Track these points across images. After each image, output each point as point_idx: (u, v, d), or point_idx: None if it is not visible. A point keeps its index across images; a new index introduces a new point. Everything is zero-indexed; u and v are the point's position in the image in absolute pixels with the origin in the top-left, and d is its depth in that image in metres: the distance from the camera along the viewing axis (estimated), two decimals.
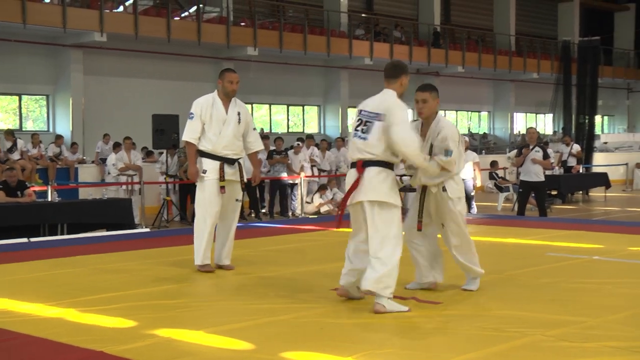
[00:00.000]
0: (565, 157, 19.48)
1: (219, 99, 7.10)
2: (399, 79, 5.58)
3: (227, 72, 7.21)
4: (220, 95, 7.12)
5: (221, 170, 7.00)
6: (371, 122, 5.43)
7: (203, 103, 7.07)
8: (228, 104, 7.11)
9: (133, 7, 19.97)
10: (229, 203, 7.15)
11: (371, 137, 5.40)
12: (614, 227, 11.13)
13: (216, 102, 7.07)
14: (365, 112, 5.51)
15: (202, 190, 7.04)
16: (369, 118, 5.46)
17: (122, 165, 14.26)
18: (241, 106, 7.23)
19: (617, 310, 5.29)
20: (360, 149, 5.44)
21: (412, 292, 5.89)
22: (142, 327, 4.92)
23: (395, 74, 5.59)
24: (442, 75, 29.17)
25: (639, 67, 37.68)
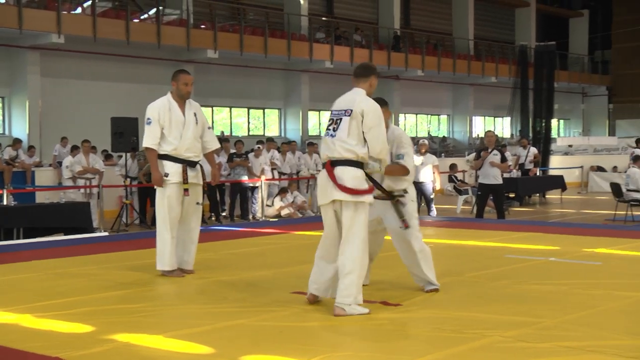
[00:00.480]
0: (523, 160, 19.77)
1: (174, 101, 7.01)
2: (369, 79, 5.66)
3: (181, 74, 7.11)
4: (174, 98, 7.03)
5: (184, 173, 6.94)
6: (340, 119, 5.47)
7: (160, 107, 6.97)
8: (183, 106, 7.03)
9: (91, 9, 19.74)
10: (190, 206, 7.08)
11: (340, 133, 5.43)
12: (569, 229, 11.33)
13: (172, 105, 6.98)
14: (336, 111, 5.56)
15: (163, 194, 6.95)
16: (338, 115, 5.50)
17: (80, 169, 14.09)
18: (196, 107, 7.16)
19: (572, 310, 5.39)
20: (330, 147, 5.47)
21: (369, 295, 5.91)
22: (100, 332, 4.87)
23: (366, 73, 5.67)
24: (401, 79, 29.40)
25: (593, 72, 38.42)
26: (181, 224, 7.08)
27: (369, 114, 5.41)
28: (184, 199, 7.00)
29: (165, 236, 6.92)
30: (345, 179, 5.36)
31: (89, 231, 11.23)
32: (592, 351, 4.33)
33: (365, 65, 5.82)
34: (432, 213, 14.05)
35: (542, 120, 24.07)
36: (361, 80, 5.64)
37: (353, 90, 5.63)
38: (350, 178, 5.37)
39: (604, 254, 8.24)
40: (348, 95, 5.61)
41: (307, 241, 9.62)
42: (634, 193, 13.98)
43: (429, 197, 14.15)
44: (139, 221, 14.13)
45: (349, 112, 5.43)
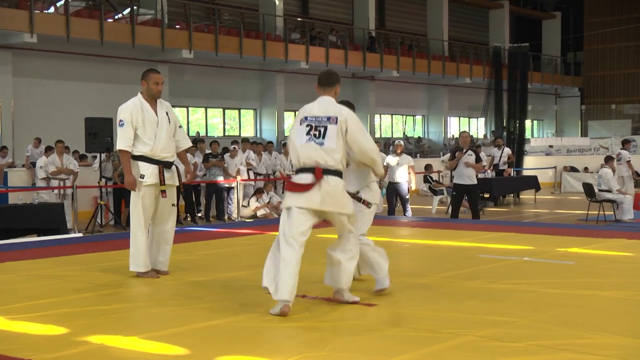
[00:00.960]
0: (497, 161, 19.92)
1: (145, 101, 6.92)
2: (334, 87, 5.67)
3: (151, 73, 6.99)
4: (145, 98, 6.93)
5: (161, 174, 6.88)
6: (324, 127, 5.44)
7: (132, 108, 6.87)
8: (155, 106, 6.95)
9: (64, 8, 19.58)
10: (165, 207, 7.03)
11: (329, 142, 5.41)
12: (543, 228, 11.43)
13: (144, 106, 6.89)
14: (313, 118, 5.49)
15: (137, 195, 6.88)
16: (320, 123, 5.45)
17: (54, 169, 13.97)
18: (167, 106, 7.09)
19: (545, 310, 5.44)
20: (320, 154, 5.41)
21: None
22: (74, 334, 4.83)
23: (331, 82, 5.67)
24: (377, 80, 29.50)
25: (566, 74, 38.83)
26: (156, 225, 7.04)
27: (352, 120, 5.49)
28: (159, 200, 6.96)
29: (139, 237, 6.87)
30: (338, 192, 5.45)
31: (63, 232, 11.14)
32: (565, 350, 4.38)
33: (330, 73, 5.79)
34: (407, 213, 14.12)
35: (516, 121, 24.28)
36: (327, 89, 5.65)
37: (323, 98, 5.61)
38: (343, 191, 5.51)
39: (577, 253, 8.33)
40: (323, 103, 5.57)
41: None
42: (606, 193, 14.15)
43: (405, 197, 14.21)
44: (114, 222, 14.04)
45: (334, 120, 5.42)
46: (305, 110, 5.63)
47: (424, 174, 19.20)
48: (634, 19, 37.18)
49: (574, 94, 39.36)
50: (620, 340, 4.60)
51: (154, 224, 7.04)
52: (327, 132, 5.42)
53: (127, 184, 6.90)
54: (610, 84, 38.73)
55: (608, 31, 37.95)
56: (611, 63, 38.62)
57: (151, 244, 7.05)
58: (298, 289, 5.70)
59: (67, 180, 13.97)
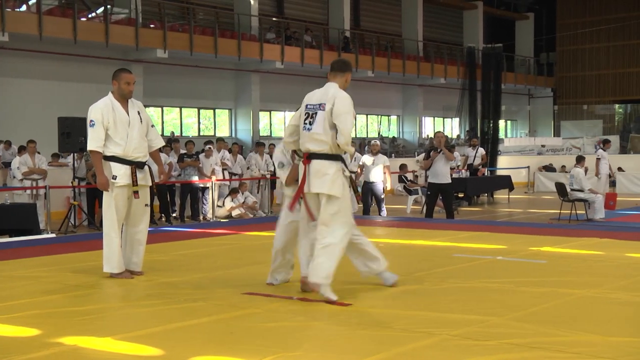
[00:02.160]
0: (472, 160, 20.04)
1: (116, 101, 6.87)
2: (345, 74, 5.91)
3: (122, 73, 6.95)
4: (116, 97, 6.89)
5: (134, 175, 6.83)
6: (315, 113, 5.67)
7: (103, 108, 6.81)
8: (126, 106, 6.90)
9: (37, 7, 19.37)
10: (138, 208, 6.99)
11: (315, 127, 5.64)
12: (516, 228, 11.53)
13: (115, 106, 6.84)
14: (310, 106, 5.73)
15: (111, 196, 6.83)
16: (313, 109, 5.69)
17: (26, 169, 13.82)
18: (138, 105, 7.05)
19: (518, 308, 5.49)
20: (307, 140, 5.67)
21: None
22: (47, 335, 4.80)
23: (343, 68, 5.92)
24: (352, 80, 29.46)
25: (539, 74, 39.18)
26: (129, 225, 7.00)
27: (340, 100, 5.68)
28: (132, 201, 6.92)
29: (112, 238, 6.83)
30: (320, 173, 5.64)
31: (36, 233, 11.03)
32: (537, 348, 4.43)
33: (343, 61, 6.06)
34: (382, 213, 14.16)
35: (490, 121, 24.46)
36: (338, 75, 5.89)
37: (328, 84, 5.84)
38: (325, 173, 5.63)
39: (549, 252, 8.42)
40: (322, 89, 5.80)
41: (258, 242, 9.62)
42: (578, 193, 14.30)
43: (380, 197, 14.25)
44: (88, 222, 13.93)
45: (323, 106, 5.66)
46: (307, 99, 5.84)
47: (398, 173, 19.27)
48: (605, 20, 37.64)
49: (547, 94, 39.73)
50: (591, 337, 4.65)
51: (127, 224, 7.01)
52: (316, 118, 5.66)
53: (100, 184, 6.85)
54: (582, 85, 39.15)
55: (580, 32, 38.37)
56: (583, 64, 39.04)
57: (124, 244, 7.01)
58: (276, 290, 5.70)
59: (39, 181, 13.83)
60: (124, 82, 6.86)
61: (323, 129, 5.63)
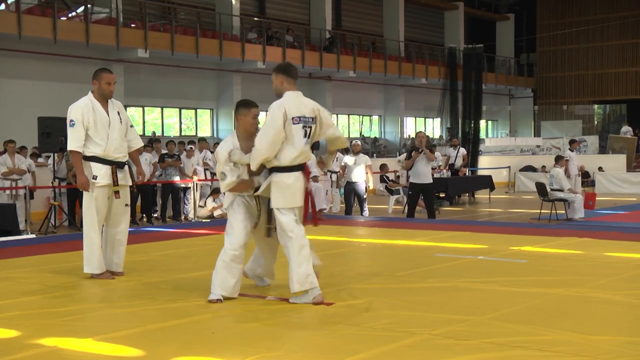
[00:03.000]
0: (453, 160, 20.12)
1: (96, 101, 6.84)
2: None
3: (103, 73, 6.93)
4: (96, 97, 6.86)
5: (114, 175, 6.81)
6: (310, 128, 5.80)
7: (83, 107, 6.78)
8: (106, 106, 6.88)
9: (16, 6, 19.20)
10: (119, 208, 6.97)
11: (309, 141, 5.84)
12: (497, 227, 11.60)
13: (95, 106, 6.81)
14: (305, 119, 5.78)
15: (91, 196, 6.80)
16: (308, 123, 5.79)
17: (5, 170, 13.71)
18: (118, 106, 7.04)
19: (499, 307, 5.52)
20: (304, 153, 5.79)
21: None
22: (26, 336, 4.76)
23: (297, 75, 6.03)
24: (334, 80, 29.56)
25: (519, 75, 39.41)
26: (110, 226, 6.98)
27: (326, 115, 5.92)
28: (113, 201, 6.89)
29: (93, 238, 6.80)
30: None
31: (16, 233, 10.95)
32: (518, 347, 4.46)
33: (294, 66, 6.11)
34: (364, 213, 14.18)
35: (471, 121, 24.56)
36: (295, 83, 5.96)
37: (302, 96, 5.89)
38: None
39: (530, 252, 8.47)
40: (305, 102, 5.85)
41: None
42: (558, 192, 14.40)
43: (362, 197, 14.28)
44: (68, 223, 13.84)
45: (315, 120, 5.83)
46: (297, 110, 5.76)
47: (379, 173, 19.32)
48: (585, 21, 37.94)
49: (527, 94, 39.98)
50: (571, 336, 4.69)
51: (108, 225, 6.99)
52: (311, 132, 5.81)
53: (80, 184, 6.82)
54: (562, 85, 39.43)
55: (560, 33, 38.64)
56: (563, 65, 39.32)
57: (105, 245, 6.99)
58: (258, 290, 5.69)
59: (19, 181, 13.72)
60: (104, 82, 6.84)
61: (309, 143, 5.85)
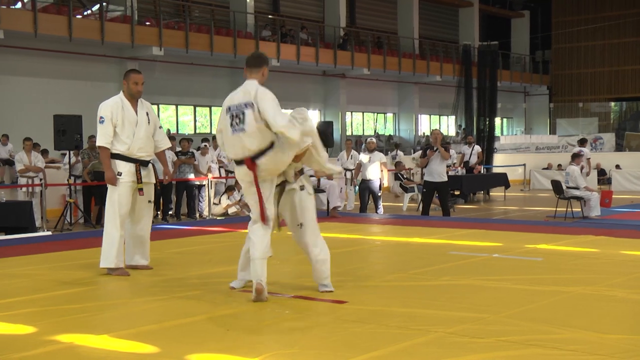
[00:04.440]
0: (468, 158, 20.05)
1: (126, 100, 7.04)
2: (261, 69, 5.77)
3: (131, 73, 7.15)
4: (126, 97, 7.05)
5: (138, 172, 6.98)
6: (243, 113, 5.55)
7: (112, 106, 6.98)
8: (135, 105, 7.07)
9: (32, 4, 19.32)
10: (143, 204, 7.12)
11: (248, 127, 5.52)
12: (512, 225, 11.54)
13: (125, 105, 7.00)
14: (235, 106, 5.62)
15: (115, 192, 6.94)
16: (239, 109, 5.57)
17: (22, 167, 13.80)
18: (147, 106, 7.22)
19: (514, 305, 5.50)
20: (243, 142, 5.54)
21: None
22: (43, 333, 4.79)
23: (258, 63, 5.79)
24: (348, 77, 29.53)
25: (535, 72, 39.21)
26: (133, 222, 7.12)
27: (261, 98, 5.53)
28: (137, 198, 7.02)
29: (113, 234, 6.89)
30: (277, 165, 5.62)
31: (32, 231, 11.02)
32: (533, 345, 4.44)
33: (257, 55, 5.90)
34: (379, 210, 14.17)
35: (486, 118, 24.47)
36: (254, 71, 5.76)
37: (247, 82, 5.73)
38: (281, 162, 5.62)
39: (545, 250, 8.43)
40: (242, 89, 5.69)
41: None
42: (574, 190, 14.32)
43: (377, 194, 14.26)
44: (83, 220, 13.91)
45: (249, 104, 5.53)
46: (229, 100, 5.74)
47: (394, 171, 19.30)
48: (600, 18, 37.68)
49: (543, 92, 39.77)
50: (587, 335, 4.66)
51: (132, 221, 7.13)
52: (245, 117, 5.54)
53: (107, 179, 6.97)
54: (578, 83, 39.20)
55: (575, 30, 38.41)
56: (578, 62, 39.09)
57: (128, 241, 7.12)
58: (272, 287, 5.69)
59: (35, 178, 13.82)
60: (132, 82, 7.03)
61: (256, 127, 5.49)
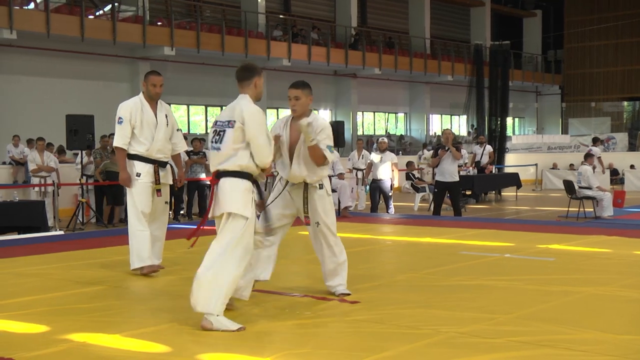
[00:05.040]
0: (479, 158, 19.99)
1: (146, 102, 7.06)
2: (252, 81, 5.41)
3: (150, 75, 7.18)
4: (146, 98, 7.08)
5: (156, 173, 7.02)
6: (223, 131, 5.23)
7: (132, 107, 7.00)
8: (155, 107, 7.10)
9: (44, 4, 19.40)
10: (159, 205, 7.17)
11: (224, 147, 5.19)
12: (524, 225, 11.51)
13: (144, 106, 7.03)
14: (220, 122, 5.31)
15: (134, 194, 6.98)
16: (222, 127, 5.26)
17: (35, 167, 13.87)
18: (166, 109, 7.25)
19: (526, 306, 5.48)
20: (217, 160, 5.24)
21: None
22: (55, 332, 4.82)
23: (247, 76, 5.42)
24: (359, 77, 29.51)
25: (547, 71, 39.05)
26: (150, 222, 7.11)
27: (249, 123, 5.20)
28: (154, 198, 7.06)
29: (141, 232, 6.92)
30: (227, 191, 5.17)
31: (44, 230, 11.06)
32: (545, 345, 4.42)
33: (245, 67, 5.51)
34: (390, 210, 14.16)
35: (497, 118, 24.40)
36: (245, 85, 5.42)
37: (238, 97, 5.43)
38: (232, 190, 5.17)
39: (557, 250, 8.40)
40: (232, 104, 5.40)
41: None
42: (586, 190, 14.25)
43: (388, 194, 14.25)
44: (96, 220, 13.96)
45: (232, 123, 5.21)
46: (221, 113, 5.46)
47: (405, 171, 19.27)
48: (613, 17, 37.47)
49: (555, 91, 39.60)
50: (600, 335, 4.64)
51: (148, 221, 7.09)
52: (224, 136, 5.21)
53: (122, 180, 7.00)
54: (590, 82, 39.00)
55: (587, 29, 38.21)
56: (591, 61, 38.89)
57: None
58: (283, 287, 5.69)
59: (47, 178, 13.88)
60: (150, 83, 7.05)
61: (232, 148, 5.16)
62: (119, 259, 7.71)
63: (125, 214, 13.93)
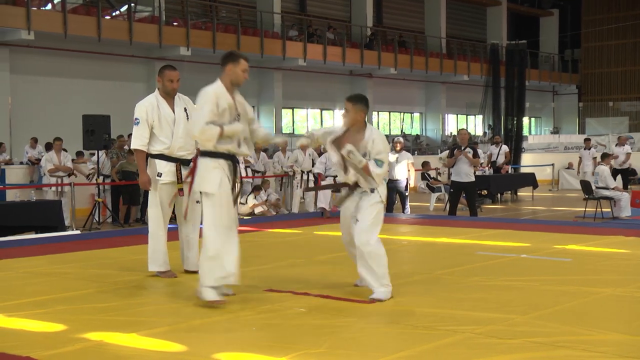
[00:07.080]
0: (495, 158, 19.90)
1: (162, 98, 6.80)
2: (225, 67, 5.88)
3: (166, 70, 6.91)
4: (162, 94, 6.82)
5: (178, 172, 6.72)
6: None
7: (147, 106, 6.73)
8: (172, 103, 6.82)
9: (62, 5, 19.54)
10: (191, 206, 6.73)
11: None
12: (540, 225, 11.45)
13: (160, 103, 6.77)
14: None
15: (155, 194, 6.73)
16: None
17: (52, 167, 13.96)
18: (186, 101, 6.96)
19: (542, 306, 5.45)
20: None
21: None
22: (72, 331, 4.84)
23: (222, 63, 5.92)
24: (374, 77, 29.48)
25: (564, 71, 38.82)
26: (182, 224, 6.88)
27: (197, 100, 5.75)
28: (178, 198, 6.81)
29: (159, 236, 6.73)
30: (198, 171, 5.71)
31: (61, 229, 11.12)
32: (562, 346, 4.40)
33: (223, 55, 6.01)
34: (406, 210, 14.11)
35: (514, 118, 24.29)
36: (221, 70, 5.92)
37: None
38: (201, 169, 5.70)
39: (574, 250, 8.35)
40: None
41: (281, 239, 9.64)
42: (603, 190, 14.16)
43: (404, 194, 14.20)
44: (112, 219, 14.03)
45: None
46: None
47: (421, 171, 19.22)
48: (631, 16, 37.17)
49: (572, 91, 39.37)
50: (616, 337, 4.61)
51: (180, 223, 6.89)
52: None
53: (142, 183, 6.77)
54: (608, 81, 38.72)
55: (605, 29, 37.94)
56: (608, 60, 38.61)
57: (181, 244, 6.94)
58: (299, 287, 5.68)
59: (64, 178, 13.96)
60: (167, 79, 6.83)
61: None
62: (135, 259, 7.73)
63: (142, 214, 14.05)
